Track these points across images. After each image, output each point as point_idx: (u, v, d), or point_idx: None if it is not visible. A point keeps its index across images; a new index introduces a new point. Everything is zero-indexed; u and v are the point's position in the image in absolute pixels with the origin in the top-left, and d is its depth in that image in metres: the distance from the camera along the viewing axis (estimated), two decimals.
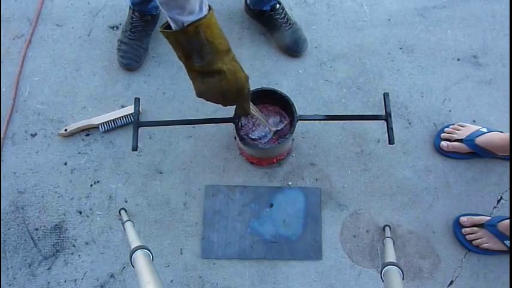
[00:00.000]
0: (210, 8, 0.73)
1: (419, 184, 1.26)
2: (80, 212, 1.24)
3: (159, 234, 1.22)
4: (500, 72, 1.37)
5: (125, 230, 1.07)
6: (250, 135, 1.12)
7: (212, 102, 0.83)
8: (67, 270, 1.19)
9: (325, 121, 1.29)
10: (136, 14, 1.31)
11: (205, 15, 0.71)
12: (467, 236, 1.17)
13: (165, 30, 0.73)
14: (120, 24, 1.42)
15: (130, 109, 1.28)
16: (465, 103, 1.34)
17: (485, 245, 1.15)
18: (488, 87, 1.35)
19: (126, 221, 1.08)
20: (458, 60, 1.38)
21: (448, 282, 1.18)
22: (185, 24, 0.69)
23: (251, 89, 1.04)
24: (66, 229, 1.22)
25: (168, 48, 1.39)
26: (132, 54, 1.33)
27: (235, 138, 1.28)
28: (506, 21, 1.42)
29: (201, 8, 0.70)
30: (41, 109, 1.33)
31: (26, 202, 1.24)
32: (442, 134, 1.27)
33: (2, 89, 1.35)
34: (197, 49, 0.72)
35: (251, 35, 1.41)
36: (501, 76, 1.36)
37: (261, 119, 1.01)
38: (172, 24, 0.72)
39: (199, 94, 0.80)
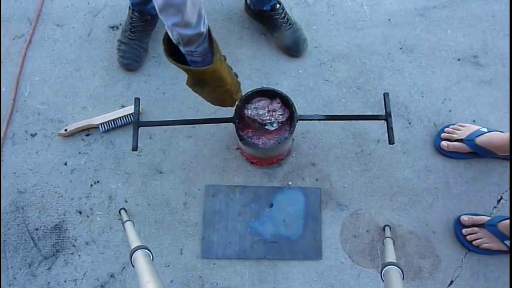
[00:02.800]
0: (216, 58, 0.80)
1: (419, 184, 1.26)
2: (80, 212, 1.24)
3: (159, 234, 1.22)
4: (500, 72, 1.37)
5: (125, 230, 1.07)
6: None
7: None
8: (67, 270, 1.19)
9: (325, 121, 1.29)
10: (136, 14, 1.31)
11: (209, 66, 0.78)
12: (467, 236, 1.17)
13: (170, 59, 0.79)
14: (120, 24, 1.42)
15: (130, 109, 1.28)
16: (465, 103, 1.34)
17: (485, 245, 1.15)
18: (488, 87, 1.35)
19: (126, 221, 1.08)
20: (458, 60, 1.38)
21: (448, 282, 1.18)
22: (185, 50, 0.76)
23: (251, 89, 1.04)
24: (66, 229, 1.22)
25: None
26: (132, 54, 1.33)
27: (237, 149, 1.28)
28: (506, 21, 1.42)
29: (198, 23, 0.73)
30: (41, 109, 1.33)
31: (26, 202, 1.24)
32: (442, 134, 1.27)
33: (2, 89, 1.35)
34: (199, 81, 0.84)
35: (251, 35, 1.41)
36: (501, 76, 1.36)
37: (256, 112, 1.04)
38: (170, 35, 0.76)
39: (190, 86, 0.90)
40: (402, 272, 0.83)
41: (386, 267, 0.84)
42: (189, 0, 0.68)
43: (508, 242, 1.12)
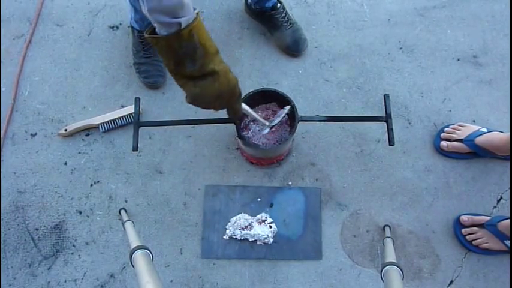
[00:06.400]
0: (195, 9, 0.71)
1: (419, 184, 1.26)
2: (80, 212, 1.24)
3: (159, 234, 1.22)
4: (500, 72, 1.37)
5: (125, 230, 1.07)
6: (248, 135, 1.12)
7: (204, 107, 0.80)
8: (67, 270, 1.19)
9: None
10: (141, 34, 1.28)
11: (196, 18, 0.69)
12: (467, 236, 1.17)
13: (155, 36, 0.69)
14: (121, 24, 1.42)
15: (130, 109, 1.28)
16: (465, 103, 1.34)
17: (485, 245, 1.15)
18: (488, 87, 1.35)
19: (126, 221, 1.08)
20: (458, 60, 1.38)
21: (448, 282, 1.18)
22: (182, 26, 0.67)
23: (251, 90, 1.04)
24: (66, 229, 1.22)
25: None
26: (155, 70, 1.31)
27: (236, 138, 1.28)
28: (506, 21, 1.42)
29: (193, 9, 0.69)
30: (41, 109, 1.33)
31: (26, 202, 1.24)
32: (442, 134, 1.27)
33: (2, 89, 1.35)
34: (190, 53, 0.70)
35: (251, 35, 1.41)
36: (501, 76, 1.36)
37: (255, 116, 0.99)
38: (162, 30, 0.68)
39: (192, 99, 0.78)
40: (402, 272, 0.83)
41: (386, 267, 0.84)
42: None
43: (508, 242, 1.12)
